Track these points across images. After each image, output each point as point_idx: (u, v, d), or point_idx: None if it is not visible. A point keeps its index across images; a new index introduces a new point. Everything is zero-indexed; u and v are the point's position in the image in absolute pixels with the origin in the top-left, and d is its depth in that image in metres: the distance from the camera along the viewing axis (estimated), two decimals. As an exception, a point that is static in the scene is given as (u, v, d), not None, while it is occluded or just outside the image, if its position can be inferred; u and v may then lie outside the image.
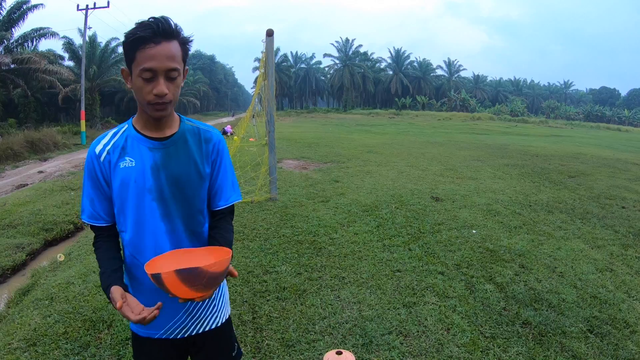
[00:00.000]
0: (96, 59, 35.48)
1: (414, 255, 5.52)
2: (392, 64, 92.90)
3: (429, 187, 9.71)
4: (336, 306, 4.21)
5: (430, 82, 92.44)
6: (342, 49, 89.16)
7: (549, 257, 5.58)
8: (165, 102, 1.61)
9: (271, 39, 7.12)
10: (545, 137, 31.03)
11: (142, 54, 1.54)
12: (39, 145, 21.20)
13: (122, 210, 1.74)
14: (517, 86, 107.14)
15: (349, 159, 14.28)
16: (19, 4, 24.43)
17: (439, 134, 28.90)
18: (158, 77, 1.57)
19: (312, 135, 24.81)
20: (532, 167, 13.11)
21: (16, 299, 4.94)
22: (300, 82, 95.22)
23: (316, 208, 7.75)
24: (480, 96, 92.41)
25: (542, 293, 4.53)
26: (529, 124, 54.87)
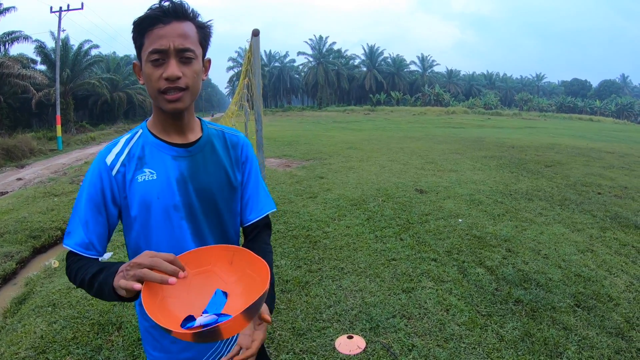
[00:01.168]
0: (69, 62, 34.91)
1: (406, 245, 5.74)
2: (366, 60, 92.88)
3: (412, 180, 9.93)
4: (340, 295, 4.40)
5: (404, 78, 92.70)
6: (316, 47, 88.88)
7: (533, 241, 5.87)
8: (179, 87, 1.33)
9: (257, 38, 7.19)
10: (519, 129, 31.53)
11: (150, 37, 1.31)
12: (14, 152, 20.90)
13: (144, 233, 1.44)
14: (490, 80, 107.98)
15: (331, 156, 14.45)
16: (-10, 8, 24.03)
17: (416, 128, 29.17)
18: (169, 58, 1.32)
19: (290, 133, 24.88)
20: (509, 159, 13.43)
21: (12, 308, 4.84)
22: (275, 80, 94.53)
23: (305, 204, 7.91)
24: (454, 90, 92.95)
25: (529, 274, 4.80)
26: (503, 117, 55.53)
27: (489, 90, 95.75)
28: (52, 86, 29.25)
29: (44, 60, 33.74)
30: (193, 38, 1.36)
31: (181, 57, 1.33)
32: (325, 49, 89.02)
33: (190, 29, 1.36)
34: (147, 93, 1.42)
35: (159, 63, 1.32)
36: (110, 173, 1.39)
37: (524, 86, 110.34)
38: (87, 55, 37.61)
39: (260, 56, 7.13)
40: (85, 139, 30.79)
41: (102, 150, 1.45)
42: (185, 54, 1.33)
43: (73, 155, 22.14)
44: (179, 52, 1.32)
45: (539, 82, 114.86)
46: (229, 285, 1.24)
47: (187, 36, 1.34)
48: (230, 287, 1.23)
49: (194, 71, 1.37)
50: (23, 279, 5.91)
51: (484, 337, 3.61)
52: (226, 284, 1.24)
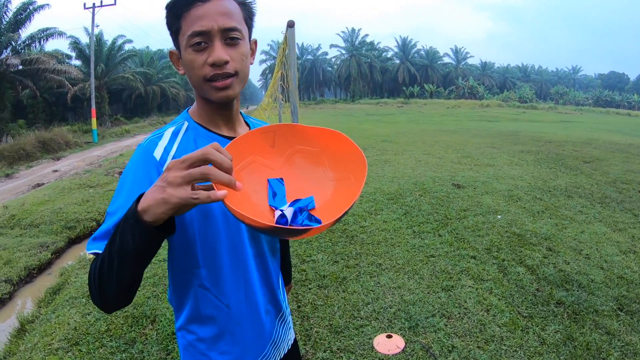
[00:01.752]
0: (103, 57, 35.47)
1: (445, 241, 5.61)
2: (398, 52, 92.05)
3: (449, 174, 9.75)
4: (378, 292, 4.31)
5: (437, 70, 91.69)
6: (349, 39, 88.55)
7: (573, 240, 5.66)
8: (227, 72, 1.17)
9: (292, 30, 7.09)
10: (555, 123, 30.88)
11: (188, 18, 1.15)
12: (50, 145, 21.31)
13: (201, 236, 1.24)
14: (525, 72, 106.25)
15: (365, 149, 14.10)
16: (25, 5, 24.34)
17: (450, 122, 28.80)
18: (213, 40, 1.15)
19: (324, 126, 24.43)
20: (546, 153, 13.09)
21: (47, 298, 4.92)
22: (307, 73, 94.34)
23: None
24: (488, 83, 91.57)
25: (571, 274, 4.62)
26: (538, 110, 54.51)
27: (523, 83, 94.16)
28: (87, 80, 29.75)
29: (78, 55, 34.36)
30: (237, 16, 1.19)
31: (226, 38, 1.16)
32: (358, 41, 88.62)
33: (232, 5, 1.19)
34: (190, 83, 1.24)
35: (201, 47, 1.15)
36: (160, 170, 1.18)
37: (560, 79, 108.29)
38: (121, 50, 38.20)
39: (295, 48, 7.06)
40: (120, 131, 31.25)
41: (145, 143, 1.23)
42: (231, 34, 1.16)
43: (108, 147, 22.49)
44: (224, 32, 1.15)
45: (575, 75, 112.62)
46: (279, 171, 1.12)
47: (231, 14, 1.17)
48: (281, 172, 1.12)
49: (241, 53, 1.20)
50: (58, 270, 6.00)
51: (525, 340, 3.48)
52: (274, 170, 1.12)
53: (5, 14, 23.72)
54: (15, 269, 5.89)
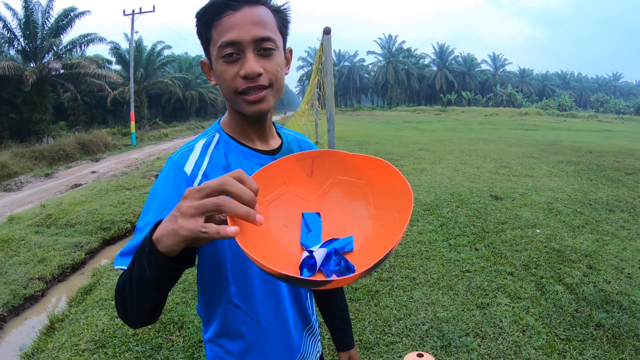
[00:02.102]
0: (143, 63, 36.26)
1: (481, 255, 5.46)
2: (436, 59, 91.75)
3: (487, 185, 9.56)
4: (410, 307, 4.21)
5: (475, 77, 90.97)
6: (386, 46, 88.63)
7: (615, 258, 5.43)
8: (261, 85, 1.11)
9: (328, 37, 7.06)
10: (595, 132, 30.18)
11: (219, 28, 1.09)
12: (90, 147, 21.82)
13: (232, 257, 1.19)
14: (564, 79, 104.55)
15: (402, 157, 14.12)
16: (67, 12, 25.04)
17: (488, 130, 28.40)
18: (245, 51, 1.08)
19: (360, 133, 24.62)
20: (587, 164, 12.72)
21: (78, 298, 5.02)
22: (344, 80, 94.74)
23: (376, 208, 7.63)
24: (526, 90, 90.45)
25: (612, 295, 4.42)
26: (578, 119, 53.50)
27: (563, 91, 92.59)
28: (126, 85, 30.46)
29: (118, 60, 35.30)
30: (271, 24, 1.13)
31: (259, 48, 1.10)
32: (395, 48, 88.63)
33: (266, 13, 1.12)
34: (222, 93, 1.17)
35: (233, 59, 1.09)
36: (191, 184, 1.12)
37: (600, 86, 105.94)
38: (160, 55, 39.14)
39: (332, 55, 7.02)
40: (158, 135, 31.83)
41: (176, 157, 1.17)
42: (264, 44, 1.10)
43: (146, 150, 22.86)
44: (257, 42, 1.09)
45: (616, 82, 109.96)
46: (316, 204, 0.99)
47: (264, 22, 1.11)
48: (318, 206, 0.99)
49: (276, 64, 1.13)
50: (91, 270, 6.12)
51: (562, 365, 3.34)
52: (310, 202, 0.99)
53: (47, 20, 24.48)
54: (49, 267, 6.04)
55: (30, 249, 6.72)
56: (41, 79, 23.04)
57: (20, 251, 6.65)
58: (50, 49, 24.59)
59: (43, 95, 23.98)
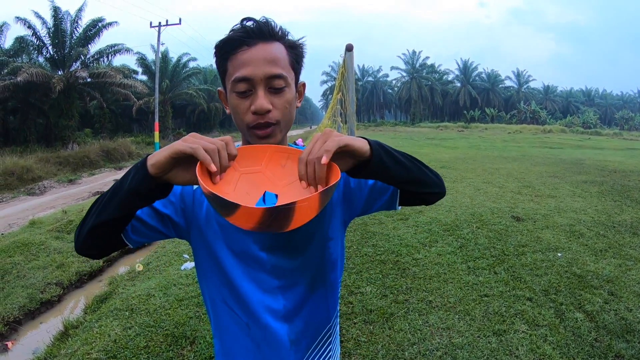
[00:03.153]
0: (168, 74, 36.85)
1: (500, 279, 5.36)
2: (459, 75, 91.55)
3: (508, 205, 9.43)
4: (425, 332, 4.14)
5: (499, 94, 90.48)
6: (409, 61, 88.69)
7: (638, 284, 5.27)
8: (269, 122, 1.17)
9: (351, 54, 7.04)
10: (621, 150, 29.76)
11: (234, 62, 1.16)
12: (113, 155, 22.15)
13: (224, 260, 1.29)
14: (589, 96, 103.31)
15: (424, 174, 13.95)
16: (95, 22, 25.67)
17: (511, 148, 28.17)
18: (256, 88, 1.15)
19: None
20: (611, 184, 12.50)
21: (93, 305, 5.10)
22: (368, 95, 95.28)
23: (396, 226, 7.63)
24: (550, 107, 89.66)
25: (633, 324, 4.28)
26: (603, 137, 52.88)
27: (587, 108, 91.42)
28: (151, 95, 30.96)
29: (144, 71, 36.05)
30: (283, 61, 1.19)
31: (270, 85, 1.16)
32: (419, 63, 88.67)
33: (279, 50, 1.18)
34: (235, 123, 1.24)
35: (245, 94, 1.15)
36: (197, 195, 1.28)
37: (625, 103, 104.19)
38: (186, 67, 39.81)
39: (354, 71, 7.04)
40: (182, 145, 32.08)
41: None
42: (275, 82, 1.16)
43: (169, 160, 23.03)
44: (268, 80, 1.15)
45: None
46: (278, 188, 1.11)
47: (277, 60, 1.17)
48: (280, 190, 1.11)
49: (285, 101, 1.19)
50: (108, 278, 6.19)
51: (580, 397, 3.27)
52: (275, 186, 1.12)
53: (75, 29, 25.19)
54: (67, 273, 6.13)
55: (49, 254, 6.84)
56: (68, 87, 23.62)
57: (40, 255, 6.77)
58: (78, 58, 25.23)
59: (70, 103, 24.58)
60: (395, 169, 1.14)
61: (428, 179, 1.22)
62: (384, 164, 1.10)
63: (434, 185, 1.24)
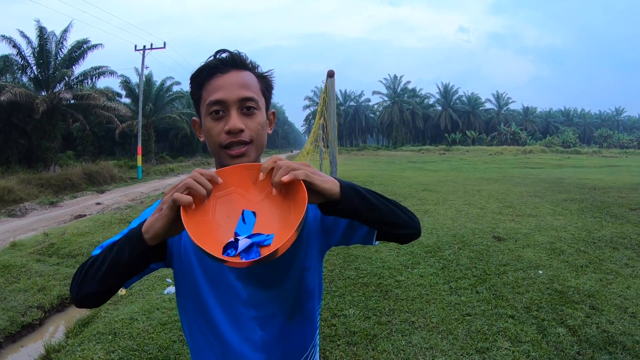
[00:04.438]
0: (152, 97, 36.86)
1: (482, 298, 5.42)
2: (440, 99, 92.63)
3: (490, 226, 9.52)
4: (408, 352, 4.17)
5: (479, 117, 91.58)
6: (391, 86, 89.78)
7: (619, 297, 5.38)
8: (242, 140, 1.23)
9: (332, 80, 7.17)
10: (600, 167, 30.17)
11: (208, 88, 1.24)
12: (96, 178, 21.99)
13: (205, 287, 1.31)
14: (568, 116, 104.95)
15: (405, 198, 14.11)
16: (80, 44, 25.64)
17: (492, 169, 28.46)
18: (229, 110, 1.22)
19: (365, 173, 24.72)
20: (591, 201, 12.68)
21: (76, 329, 5.03)
22: (350, 119, 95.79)
23: (378, 249, 7.64)
24: (530, 128, 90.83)
25: (615, 335, 4.36)
26: (582, 155, 53.64)
27: (566, 127, 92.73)
28: (135, 118, 30.92)
29: (128, 94, 36.07)
30: (254, 87, 1.27)
31: (243, 107, 1.23)
32: (400, 88, 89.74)
33: (250, 77, 1.28)
34: (209, 149, 1.32)
35: (219, 116, 1.23)
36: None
37: (603, 121, 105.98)
38: (169, 91, 39.92)
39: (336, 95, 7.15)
40: (165, 169, 32.08)
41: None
42: (247, 104, 1.24)
43: (151, 184, 23.00)
44: (241, 102, 1.23)
45: (619, 116, 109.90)
46: (255, 205, 1.14)
47: (248, 85, 1.25)
48: (256, 207, 1.14)
49: (257, 123, 1.26)
50: None
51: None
52: (252, 204, 1.14)
53: (60, 50, 25.16)
54: (48, 296, 6.07)
55: (30, 276, 6.78)
56: (52, 108, 23.54)
57: (21, 278, 6.71)
58: (62, 79, 25.15)
59: (53, 124, 24.48)
60: (367, 211, 1.16)
61: (401, 220, 1.25)
62: (354, 206, 1.13)
63: (407, 227, 1.27)
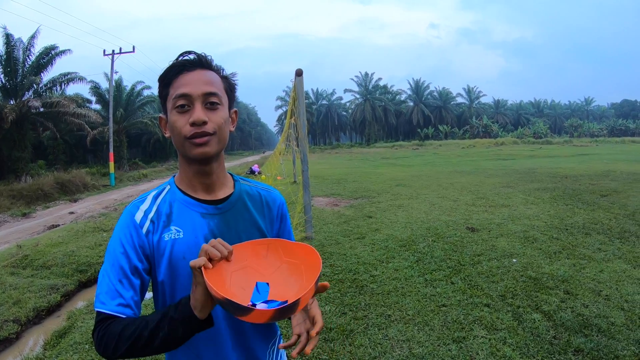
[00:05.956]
0: (122, 102, 36.39)
1: (458, 289, 5.45)
2: (412, 95, 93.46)
3: (463, 217, 9.62)
4: (385, 345, 4.17)
5: (451, 111, 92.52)
6: (362, 83, 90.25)
7: (592, 281, 5.48)
8: (206, 132, 1.29)
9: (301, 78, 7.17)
10: (571, 157, 30.70)
11: (175, 84, 1.31)
12: (68, 187, 21.65)
13: (172, 296, 1.35)
14: (538, 107, 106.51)
15: (379, 194, 14.18)
16: (48, 50, 25.23)
17: (465, 162, 28.76)
18: (194, 104, 1.29)
19: (339, 171, 24.77)
20: (563, 190, 12.96)
21: (52, 341, 4.95)
22: (323, 118, 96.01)
23: (353, 245, 7.67)
24: (502, 121, 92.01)
25: (590, 318, 4.44)
26: (554, 145, 54.44)
27: (537, 119, 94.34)
28: (106, 124, 30.52)
29: (98, 100, 35.41)
30: (218, 85, 1.36)
31: (207, 102, 1.31)
32: (372, 85, 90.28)
33: (214, 76, 1.36)
34: (174, 144, 1.38)
35: (184, 110, 1.30)
36: (139, 231, 1.32)
37: (573, 112, 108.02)
38: (140, 95, 39.43)
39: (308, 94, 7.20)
40: (138, 175, 31.70)
41: (129, 207, 1.38)
42: (211, 99, 1.32)
43: (125, 191, 22.72)
44: (205, 96, 1.31)
45: (588, 106, 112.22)
46: (266, 277, 1.25)
47: (213, 82, 1.34)
48: (269, 278, 1.25)
49: (220, 117, 1.34)
50: (66, 313, 6.03)
51: (541, 394, 3.35)
52: (264, 276, 1.25)
53: (28, 57, 24.68)
54: (24, 309, 5.95)
55: (5, 290, 6.63)
56: (21, 117, 23.10)
57: (-5, 292, 6.57)
58: (30, 87, 24.75)
59: (22, 134, 24.01)
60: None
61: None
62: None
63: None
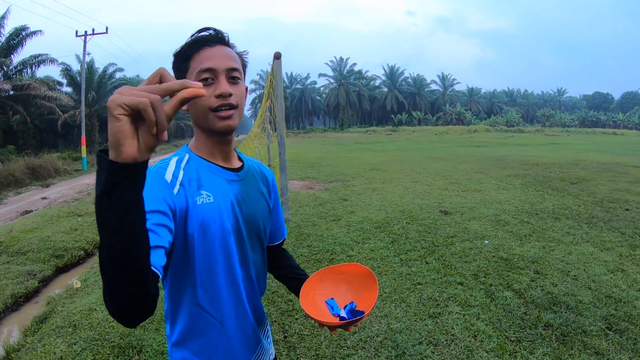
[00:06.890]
0: (94, 85, 35.70)
1: (432, 268, 5.62)
2: (386, 81, 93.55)
3: (436, 201, 9.80)
4: (364, 321, 4.29)
5: (425, 98, 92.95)
6: (337, 68, 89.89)
7: (561, 262, 5.71)
8: (230, 103, 1.33)
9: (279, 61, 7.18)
10: (543, 145, 31.23)
11: (198, 57, 1.33)
12: (40, 172, 21.25)
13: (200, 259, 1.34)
14: (512, 97, 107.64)
15: (354, 177, 14.33)
16: (18, 31, 24.67)
17: (438, 148, 29.04)
18: (219, 77, 1.32)
19: (313, 155, 24.83)
20: (533, 177, 13.28)
21: (33, 327, 4.88)
22: (296, 102, 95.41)
23: (329, 227, 7.79)
24: (475, 109, 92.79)
25: (559, 296, 4.65)
26: (526, 134, 55.19)
27: (510, 108, 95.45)
28: (77, 108, 29.95)
29: (69, 82, 34.60)
30: (238, 60, 1.40)
31: (229, 76, 1.35)
32: (346, 70, 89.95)
33: (234, 53, 1.40)
34: (193, 116, 1.39)
35: (208, 83, 1.32)
36: (172, 191, 1.26)
37: (546, 102, 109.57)
38: (112, 78, 38.63)
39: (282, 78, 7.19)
40: (110, 159, 31.18)
41: (155, 168, 1.30)
42: (234, 74, 1.36)
43: (97, 176, 22.38)
44: (228, 71, 1.35)
45: (561, 97, 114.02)
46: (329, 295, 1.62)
47: (234, 57, 1.38)
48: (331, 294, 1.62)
49: (241, 91, 1.39)
50: (45, 298, 5.95)
51: (513, 365, 3.50)
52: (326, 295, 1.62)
53: (-3, 39, 23.87)
54: (1, 296, 5.85)
55: (-21, 278, 6.55)
56: (-10, 101, 22.53)
57: (-31, 281, 6.48)
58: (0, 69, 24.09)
59: (-9, 118, 23.42)
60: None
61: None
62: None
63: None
